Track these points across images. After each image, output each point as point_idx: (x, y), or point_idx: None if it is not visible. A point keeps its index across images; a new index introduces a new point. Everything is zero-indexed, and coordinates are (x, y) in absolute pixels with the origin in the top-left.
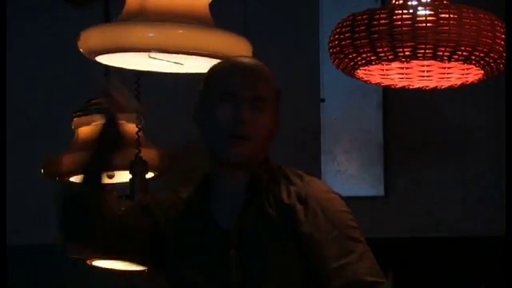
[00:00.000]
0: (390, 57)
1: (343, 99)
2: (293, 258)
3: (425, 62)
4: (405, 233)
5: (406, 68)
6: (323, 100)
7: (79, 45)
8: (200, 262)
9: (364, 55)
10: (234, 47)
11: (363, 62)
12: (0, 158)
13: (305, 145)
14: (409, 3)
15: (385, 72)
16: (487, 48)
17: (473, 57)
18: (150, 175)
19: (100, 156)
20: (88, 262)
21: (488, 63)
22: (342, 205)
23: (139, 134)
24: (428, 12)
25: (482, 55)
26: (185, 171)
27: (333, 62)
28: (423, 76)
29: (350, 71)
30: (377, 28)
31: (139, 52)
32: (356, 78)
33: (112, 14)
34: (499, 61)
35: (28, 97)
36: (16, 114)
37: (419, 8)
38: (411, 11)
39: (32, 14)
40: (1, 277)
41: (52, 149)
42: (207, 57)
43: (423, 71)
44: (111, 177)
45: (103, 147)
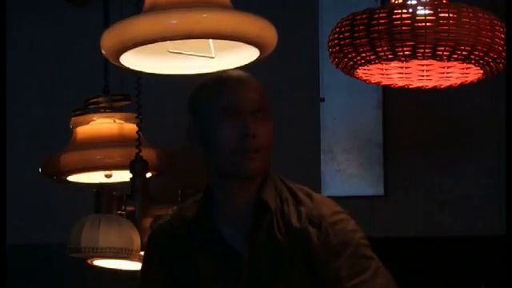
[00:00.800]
0: (390, 56)
1: (343, 98)
2: (305, 281)
3: (424, 62)
4: (404, 232)
5: (406, 67)
6: (323, 99)
7: (102, 45)
8: (212, 286)
9: (363, 55)
10: (262, 29)
11: (363, 62)
12: (0, 158)
13: (304, 144)
14: (408, 3)
15: (384, 71)
16: (486, 47)
17: (472, 56)
18: (151, 175)
19: None
20: (89, 262)
21: (487, 62)
22: (353, 224)
23: (139, 134)
24: (427, 11)
25: (482, 55)
26: (185, 171)
27: (332, 62)
28: (423, 75)
29: (350, 71)
30: (376, 27)
31: (167, 40)
32: (355, 78)
33: (111, 13)
34: (498, 60)
35: (27, 96)
36: (15, 114)
37: (418, 7)
38: (411, 11)
39: (32, 13)
40: (1, 276)
41: (52, 149)
42: (232, 40)
43: (423, 71)
44: (109, 176)
45: None
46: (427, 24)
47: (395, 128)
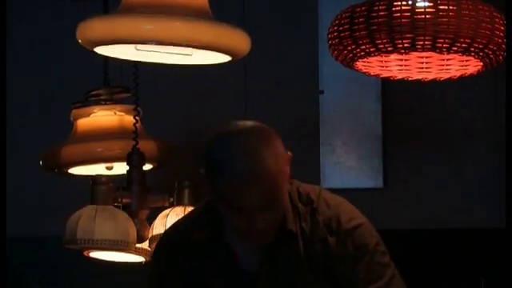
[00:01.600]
0: (389, 48)
1: (342, 91)
2: None
3: (424, 54)
4: (403, 225)
5: (405, 60)
6: (322, 92)
7: (77, 35)
8: None
9: (363, 47)
10: (232, 40)
11: (362, 54)
12: (0, 151)
13: (304, 137)
14: None
15: (384, 64)
16: (486, 40)
17: (472, 48)
18: (148, 167)
19: None
20: (86, 254)
21: (487, 55)
22: (371, 229)
23: (137, 126)
24: (427, 4)
25: (481, 47)
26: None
27: (332, 54)
28: (422, 68)
29: (349, 63)
30: (376, 20)
31: (136, 44)
32: (355, 70)
33: (111, 9)
34: (498, 52)
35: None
36: (15, 108)
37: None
38: (410, 3)
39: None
40: (1, 268)
41: (52, 142)
42: (204, 49)
43: (422, 63)
44: (110, 168)
45: None
46: (427, 16)
47: (394, 121)
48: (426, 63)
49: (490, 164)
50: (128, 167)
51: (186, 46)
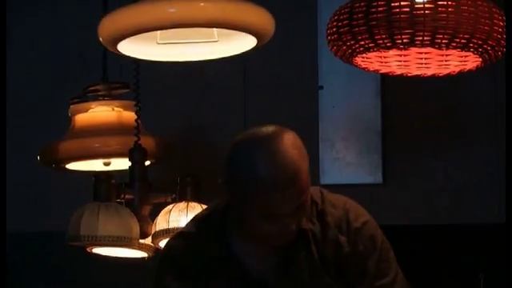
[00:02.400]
0: (388, 44)
1: (341, 86)
2: None
3: (423, 50)
4: (403, 220)
5: (404, 55)
6: (321, 87)
7: (100, 32)
8: None
9: (362, 42)
10: (258, 18)
11: (361, 49)
12: (0, 146)
13: (303, 132)
14: None
15: (383, 59)
16: (485, 35)
17: (471, 44)
18: (149, 163)
19: None
20: (88, 250)
21: (486, 50)
22: (376, 227)
23: (138, 122)
24: None
25: (480, 42)
26: (183, 159)
27: (331, 49)
28: (421, 63)
29: (348, 58)
30: (375, 15)
31: (161, 30)
32: (354, 65)
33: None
34: (497, 48)
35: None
36: (14, 103)
37: None
38: None
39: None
40: (1, 263)
41: (52, 137)
42: (230, 29)
43: (421, 58)
44: (108, 164)
45: None
46: (426, 12)
47: (394, 116)
48: (425, 59)
49: (490, 159)
50: (130, 163)
51: (211, 27)
